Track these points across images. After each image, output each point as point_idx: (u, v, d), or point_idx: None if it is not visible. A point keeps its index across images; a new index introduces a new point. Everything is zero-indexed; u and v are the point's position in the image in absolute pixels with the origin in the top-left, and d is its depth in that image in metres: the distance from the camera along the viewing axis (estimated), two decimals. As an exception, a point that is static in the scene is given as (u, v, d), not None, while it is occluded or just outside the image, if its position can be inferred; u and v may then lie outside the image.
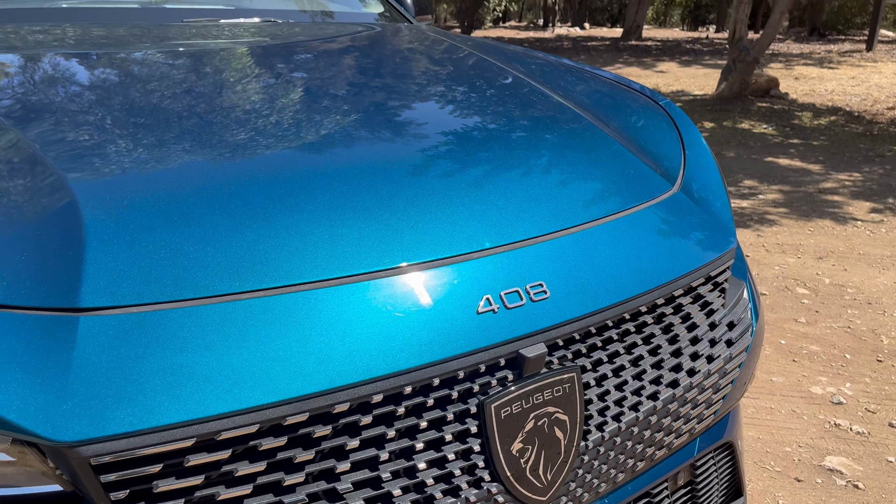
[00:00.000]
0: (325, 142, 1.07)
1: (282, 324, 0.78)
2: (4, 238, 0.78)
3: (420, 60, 1.72)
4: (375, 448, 0.80)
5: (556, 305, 0.94)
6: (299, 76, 1.43)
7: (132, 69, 1.33)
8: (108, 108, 1.09)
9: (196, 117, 1.10)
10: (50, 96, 1.12)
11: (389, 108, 1.29)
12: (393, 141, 1.13)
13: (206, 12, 1.84)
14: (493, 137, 1.20)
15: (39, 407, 0.68)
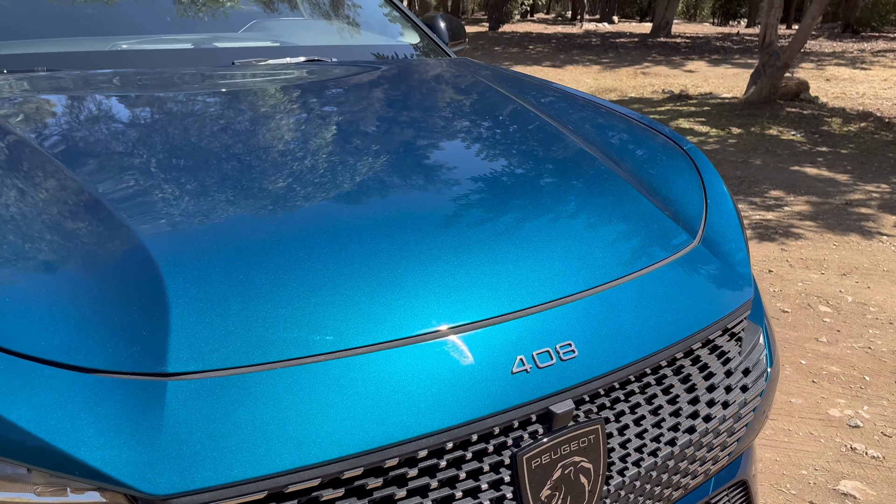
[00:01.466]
0: (375, 208, 1.17)
1: (340, 386, 0.89)
2: (98, 307, 0.89)
3: (456, 106, 1.81)
4: (420, 497, 0.90)
5: (583, 364, 1.03)
6: (349, 124, 1.53)
7: (202, 125, 1.44)
8: (184, 171, 1.20)
9: (264, 177, 1.21)
10: (128, 157, 1.23)
11: (430, 164, 1.38)
12: (434, 203, 1.22)
13: (254, 51, 1.95)
14: (526, 196, 1.29)
15: (135, 464, 0.79)
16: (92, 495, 0.81)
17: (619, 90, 9.90)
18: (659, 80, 10.91)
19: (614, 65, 12.95)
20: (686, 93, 9.27)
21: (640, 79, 11.19)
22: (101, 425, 0.80)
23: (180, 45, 1.93)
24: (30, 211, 1.05)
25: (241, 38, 2.13)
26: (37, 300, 0.88)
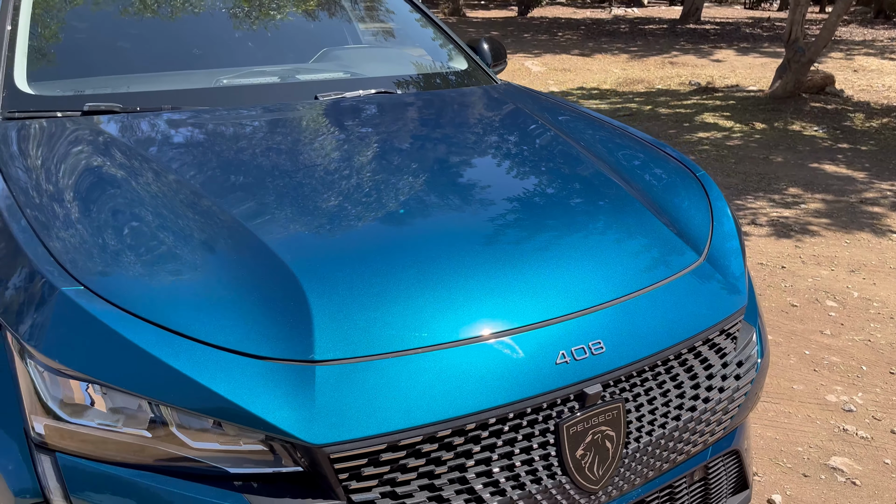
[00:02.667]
0: (458, 232, 1.51)
1: (435, 370, 1.24)
2: (264, 313, 1.25)
3: (503, 136, 2.14)
4: (489, 452, 1.26)
5: (609, 357, 1.37)
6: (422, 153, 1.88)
7: (309, 152, 1.80)
8: (302, 193, 1.56)
9: (368, 197, 1.58)
10: (255, 183, 1.59)
11: (487, 190, 1.73)
12: (497, 227, 1.57)
13: (332, 85, 2.29)
14: (563, 223, 1.62)
15: (298, 421, 1.14)
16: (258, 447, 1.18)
17: (646, 81, 10.10)
18: (686, 71, 11.07)
19: (642, 53, 13.09)
20: (713, 85, 9.45)
21: (668, 69, 11.35)
22: (272, 395, 1.16)
23: (269, 80, 2.28)
24: (193, 235, 1.41)
25: (315, 69, 2.47)
26: (224, 310, 1.24)
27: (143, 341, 1.17)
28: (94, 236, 1.38)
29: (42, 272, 1.25)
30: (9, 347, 1.26)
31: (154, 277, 1.29)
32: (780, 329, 3.29)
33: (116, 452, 1.18)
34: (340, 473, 1.16)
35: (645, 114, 7.82)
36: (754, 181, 5.48)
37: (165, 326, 1.19)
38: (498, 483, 1.26)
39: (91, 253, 1.33)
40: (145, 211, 1.48)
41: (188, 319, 1.21)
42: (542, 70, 11.02)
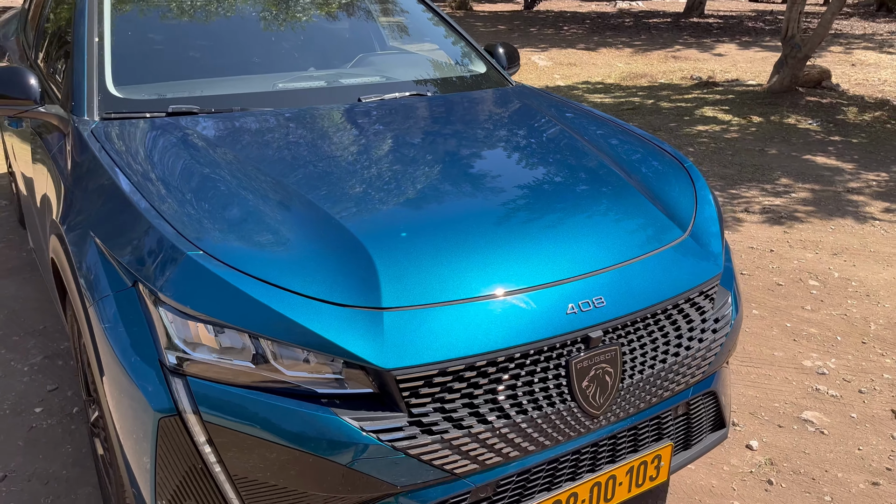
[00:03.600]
0: (492, 206, 1.88)
1: (476, 315, 1.60)
2: (343, 271, 1.61)
3: (522, 131, 2.50)
4: (514, 380, 1.62)
5: (609, 309, 1.73)
6: (448, 142, 2.25)
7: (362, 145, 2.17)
8: (359, 174, 1.93)
9: (417, 177, 1.95)
10: (319, 167, 1.95)
11: (510, 176, 2.10)
12: (524, 206, 1.93)
13: (372, 88, 2.65)
14: (573, 204, 1.98)
15: (373, 351, 1.51)
16: (340, 370, 1.54)
17: (649, 75, 10.42)
18: (688, 65, 11.39)
19: (646, 48, 13.39)
20: (713, 79, 9.77)
21: (671, 63, 11.67)
22: (353, 333, 1.53)
23: (317, 84, 2.64)
24: (277, 212, 1.78)
25: (355, 74, 2.83)
26: (311, 270, 1.60)
27: (253, 291, 1.54)
28: (203, 212, 1.75)
29: (171, 240, 1.62)
30: (143, 299, 1.63)
31: (254, 244, 1.66)
32: (765, 305, 3.65)
33: (231, 377, 1.55)
34: (403, 392, 1.53)
35: (647, 107, 8.16)
36: (749, 172, 5.82)
37: (268, 281, 1.56)
38: (521, 404, 1.63)
39: (203, 225, 1.70)
40: (236, 192, 1.85)
41: (284, 276, 1.58)
42: (549, 65, 11.34)
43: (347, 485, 1.53)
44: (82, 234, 1.83)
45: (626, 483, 1.86)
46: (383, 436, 1.51)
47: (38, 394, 2.85)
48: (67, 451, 2.53)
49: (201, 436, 1.54)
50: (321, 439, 1.50)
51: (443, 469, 1.57)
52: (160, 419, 1.55)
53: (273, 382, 1.54)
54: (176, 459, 1.57)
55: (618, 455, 1.86)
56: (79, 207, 1.93)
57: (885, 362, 3.16)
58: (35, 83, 2.33)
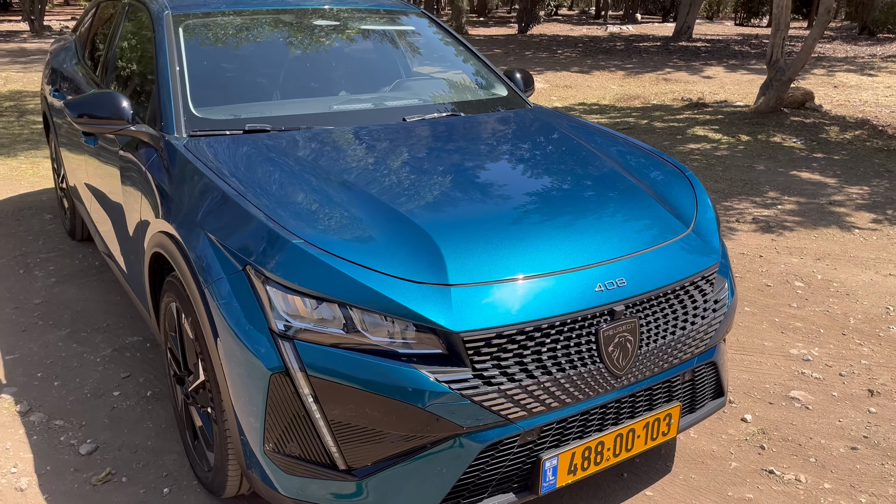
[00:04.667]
0: (537, 204, 2.27)
1: (525, 290, 1.98)
2: (420, 258, 1.99)
3: (547, 144, 2.90)
4: (555, 343, 2.00)
5: (629, 288, 2.12)
6: (484, 156, 2.65)
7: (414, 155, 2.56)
8: (422, 174, 2.31)
9: (463, 175, 2.35)
10: (382, 173, 2.34)
11: (541, 182, 2.49)
12: (563, 207, 2.32)
13: (413, 109, 3.05)
14: (598, 205, 2.38)
15: (444, 315, 1.89)
16: (415, 334, 1.92)
17: (642, 97, 10.91)
18: (679, 87, 11.91)
19: (638, 70, 13.93)
20: (703, 100, 10.27)
21: (662, 85, 12.19)
22: (428, 303, 1.91)
23: (366, 106, 3.05)
24: (356, 209, 2.16)
25: (396, 97, 3.24)
26: (391, 255, 1.99)
27: (347, 270, 1.92)
28: (295, 209, 2.14)
29: (277, 231, 2.01)
30: (251, 280, 2.00)
31: (342, 234, 2.04)
32: (755, 303, 4.06)
33: (327, 341, 1.92)
34: (468, 351, 1.91)
35: (642, 127, 8.62)
36: (739, 186, 6.26)
37: (358, 263, 1.95)
38: (560, 363, 2.01)
39: (298, 219, 2.08)
40: (317, 192, 2.24)
41: (370, 259, 1.96)
42: (546, 87, 11.83)
43: (423, 425, 1.90)
44: (194, 229, 2.21)
45: (643, 436, 2.24)
46: (453, 385, 1.89)
47: (114, 380, 3.21)
48: (149, 427, 2.88)
49: (305, 388, 1.91)
50: (403, 387, 1.88)
51: (498, 414, 1.94)
52: (271, 376, 1.93)
53: (361, 345, 1.92)
54: (283, 409, 1.95)
55: (636, 412, 2.24)
56: (187, 208, 2.31)
57: (862, 350, 3.56)
58: (127, 106, 2.71)
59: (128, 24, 3.52)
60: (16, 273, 4.33)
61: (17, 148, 7.25)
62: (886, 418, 3.01)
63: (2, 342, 3.52)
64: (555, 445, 2.09)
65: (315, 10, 3.53)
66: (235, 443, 2.11)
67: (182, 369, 2.52)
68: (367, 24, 3.67)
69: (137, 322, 3.74)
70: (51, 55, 4.87)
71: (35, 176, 6.34)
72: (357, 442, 1.94)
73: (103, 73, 3.60)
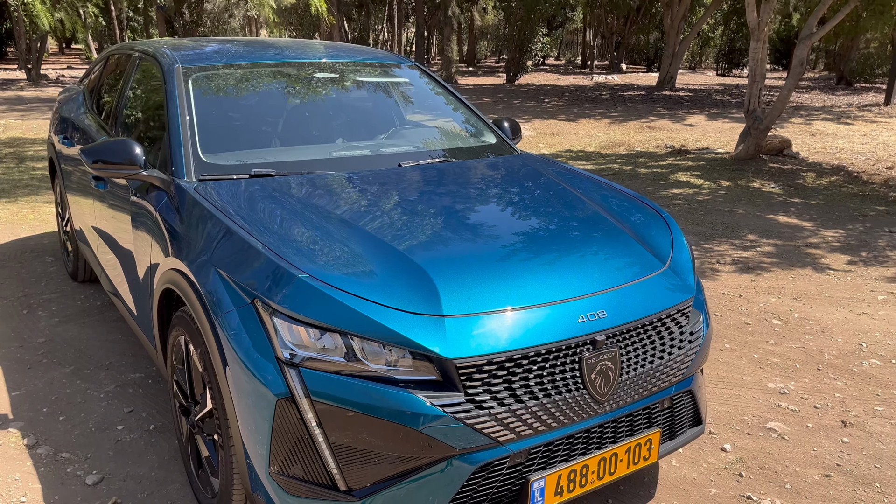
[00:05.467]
0: (522, 243, 2.45)
1: (513, 321, 2.15)
2: (416, 290, 2.16)
3: (533, 188, 3.10)
4: (540, 370, 2.16)
5: (609, 320, 2.29)
6: (474, 199, 2.84)
7: (409, 197, 2.75)
8: (414, 218, 2.49)
9: (456, 216, 2.52)
10: (379, 214, 2.52)
11: (529, 222, 2.68)
12: (547, 245, 2.50)
13: (408, 155, 3.25)
14: (582, 244, 2.57)
15: (438, 344, 2.05)
16: (411, 362, 2.07)
17: (626, 144, 11.24)
18: (662, 135, 12.27)
19: (622, 119, 14.34)
20: (685, 147, 10.60)
21: (646, 133, 12.55)
22: (423, 332, 2.06)
23: (364, 152, 3.25)
24: (356, 246, 2.33)
25: (392, 144, 3.44)
26: (388, 287, 2.15)
27: (349, 302, 2.08)
28: (300, 246, 2.30)
29: (284, 267, 2.17)
30: (259, 312, 2.16)
31: (344, 269, 2.21)
32: (735, 340, 4.23)
33: (329, 368, 2.07)
34: (461, 376, 2.06)
35: (626, 173, 8.89)
36: (719, 229, 6.49)
37: (359, 295, 2.11)
38: (546, 389, 2.16)
39: (303, 256, 2.25)
40: (320, 231, 2.41)
41: (370, 292, 2.13)
42: (533, 134, 12.16)
43: (419, 447, 2.04)
44: (205, 266, 2.37)
45: (625, 460, 2.38)
46: (447, 409, 2.03)
47: (118, 415, 3.32)
48: (152, 459, 2.99)
49: (309, 413, 2.05)
50: (400, 411, 2.02)
51: (489, 436, 2.08)
52: (277, 401, 2.07)
53: (361, 372, 2.07)
54: (287, 432, 2.08)
55: (618, 437, 2.39)
56: (198, 246, 2.47)
57: (836, 384, 3.72)
58: (140, 152, 2.89)
59: (138, 76, 3.73)
60: (20, 313, 4.45)
61: (17, 193, 7.42)
62: (858, 448, 3.16)
63: (8, 379, 3.63)
64: (542, 468, 2.23)
65: (313, 63, 3.76)
66: (241, 467, 2.24)
67: (188, 400, 2.65)
68: (363, 75, 3.90)
69: (139, 359, 3.86)
70: (59, 104, 5.08)
71: (36, 220, 6.50)
72: (357, 464, 2.08)
73: (113, 122, 3.80)
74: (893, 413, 3.45)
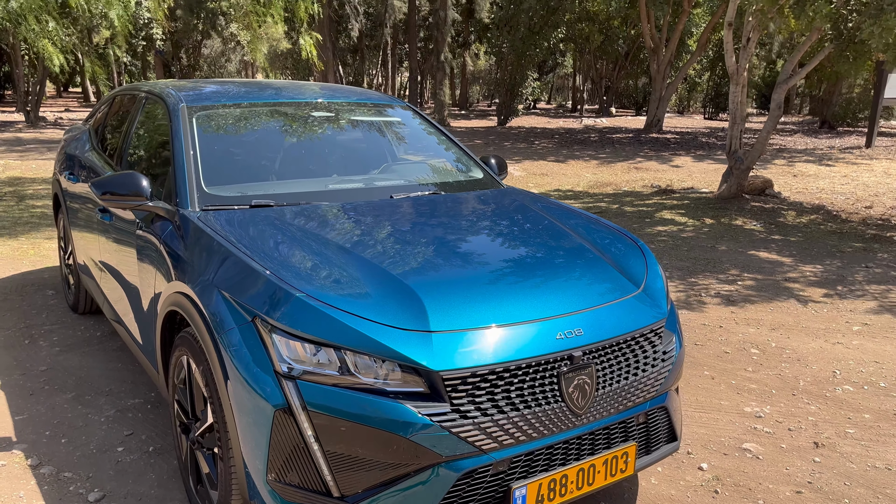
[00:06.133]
0: (508, 268, 2.63)
1: (496, 337, 2.32)
2: (405, 309, 2.33)
3: (517, 220, 3.29)
4: (521, 383, 2.32)
5: (586, 337, 2.46)
6: (460, 230, 3.02)
7: (400, 226, 2.93)
8: (405, 245, 2.67)
9: (443, 243, 2.70)
10: (376, 241, 2.70)
11: (517, 251, 2.86)
12: (532, 271, 2.68)
13: (400, 188, 3.45)
14: (562, 269, 2.75)
15: (426, 357, 2.21)
16: (400, 374, 2.23)
17: (614, 184, 11.53)
18: (649, 175, 12.57)
19: (611, 160, 14.68)
20: (671, 187, 10.88)
21: (633, 173, 12.86)
22: (412, 346, 2.23)
23: (358, 185, 3.45)
24: (350, 268, 2.51)
25: (384, 178, 3.65)
26: (379, 306, 2.32)
27: (343, 319, 2.25)
28: (297, 268, 2.48)
29: (283, 287, 2.34)
30: (259, 329, 2.32)
31: (338, 289, 2.38)
32: (714, 367, 4.39)
33: (324, 381, 2.22)
34: (447, 388, 2.22)
35: (613, 211, 9.13)
36: (702, 264, 6.69)
37: (352, 312, 2.28)
38: (527, 401, 2.32)
39: (300, 277, 2.42)
40: (316, 254, 2.59)
41: (362, 310, 2.30)
42: (523, 174, 12.44)
43: (407, 454, 2.19)
44: (208, 288, 2.54)
45: (603, 472, 2.53)
46: (434, 418, 2.19)
47: (118, 437, 3.44)
48: (152, 478, 3.11)
49: (305, 422, 2.20)
50: (390, 420, 2.17)
51: (473, 445, 2.23)
52: (275, 412, 2.22)
53: (354, 384, 2.22)
54: (284, 441, 2.23)
55: (596, 449, 2.54)
56: (201, 270, 2.64)
57: (809, 409, 3.88)
58: (147, 184, 3.08)
59: (144, 115, 3.94)
60: (21, 343, 4.58)
61: (18, 230, 7.58)
62: (829, 467, 3.30)
63: (11, 404, 3.75)
64: (524, 476, 2.37)
65: (310, 102, 3.98)
66: (240, 476, 2.38)
67: (189, 417, 2.79)
68: (357, 114, 4.13)
69: (138, 386, 3.99)
70: (64, 143, 5.29)
71: (36, 256, 6.65)
72: (350, 471, 2.22)
73: (119, 157, 3.99)
74: (864, 435, 3.60)
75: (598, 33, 24.94)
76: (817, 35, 7.97)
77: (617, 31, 26.85)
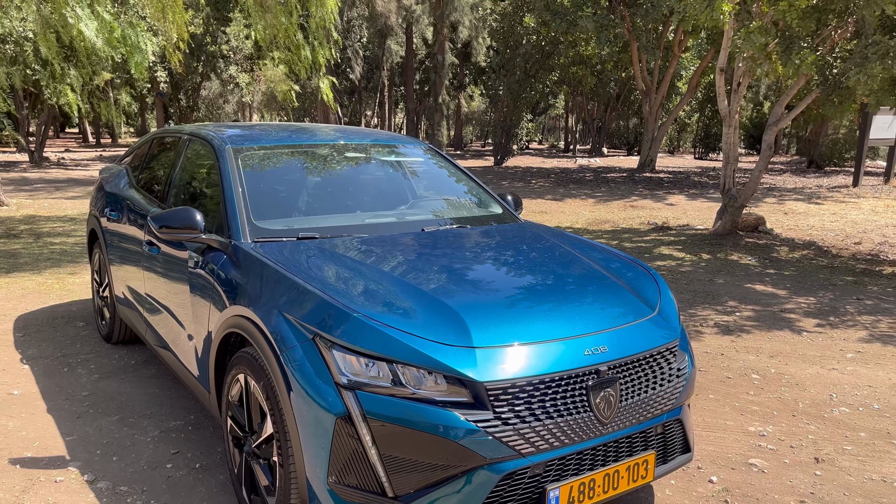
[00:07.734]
0: (532, 292, 2.92)
1: (532, 352, 2.60)
2: (451, 328, 2.61)
3: (537, 250, 3.60)
4: (554, 394, 2.59)
5: (610, 354, 2.74)
6: (481, 258, 3.32)
7: (436, 256, 3.22)
8: (445, 268, 2.96)
9: (477, 269, 3.00)
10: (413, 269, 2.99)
11: (539, 278, 3.16)
12: (560, 295, 2.98)
13: (429, 222, 3.76)
14: (585, 294, 3.04)
15: (472, 371, 2.49)
16: (446, 386, 2.50)
17: (611, 221, 11.89)
18: (645, 213, 12.96)
19: (606, 198, 15.08)
20: (667, 224, 11.25)
21: (629, 211, 13.24)
22: (459, 361, 2.51)
23: (391, 219, 3.75)
24: (397, 291, 2.79)
25: (414, 213, 3.96)
26: (427, 325, 2.60)
27: (397, 336, 2.53)
28: (351, 292, 2.76)
29: (341, 308, 2.62)
30: (319, 346, 2.59)
31: (390, 310, 2.66)
32: (718, 391, 4.66)
33: (380, 391, 2.49)
34: (490, 397, 2.49)
35: (613, 247, 9.46)
36: (701, 297, 7.00)
37: (405, 330, 2.56)
38: (560, 410, 2.59)
39: (355, 300, 2.70)
40: (366, 280, 2.88)
41: (414, 328, 2.58)
42: (523, 212, 12.80)
43: (455, 457, 2.45)
44: (270, 311, 2.82)
45: (626, 477, 2.79)
46: (479, 424, 2.45)
47: (165, 455, 3.67)
48: (202, 491, 3.34)
49: (363, 428, 2.46)
50: (440, 426, 2.44)
51: (513, 448, 2.50)
52: (336, 419, 2.48)
53: (405, 395, 2.49)
54: (344, 446, 2.49)
55: (620, 456, 2.80)
56: (261, 294, 2.92)
57: (809, 428, 4.15)
58: (201, 219, 3.37)
59: (189, 155, 4.25)
60: (61, 371, 4.81)
61: (40, 266, 7.83)
62: (829, 479, 3.56)
63: (60, 426, 3.98)
64: (557, 479, 2.63)
65: (343, 144, 4.31)
66: (300, 481, 2.62)
67: (244, 431, 3.04)
68: (385, 155, 4.46)
69: (178, 410, 4.22)
70: (101, 181, 5.58)
71: (62, 290, 6.90)
72: (403, 472, 2.48)
73: (164, 194, 4.29)
74: (860, 451, 3.87)
75: (591, 76, 25.64)
76: (804, 80, 8.41)
77: (609, 74, 27.59)
